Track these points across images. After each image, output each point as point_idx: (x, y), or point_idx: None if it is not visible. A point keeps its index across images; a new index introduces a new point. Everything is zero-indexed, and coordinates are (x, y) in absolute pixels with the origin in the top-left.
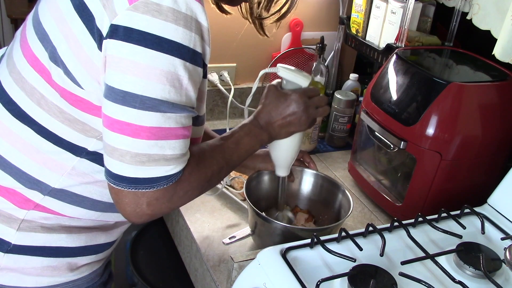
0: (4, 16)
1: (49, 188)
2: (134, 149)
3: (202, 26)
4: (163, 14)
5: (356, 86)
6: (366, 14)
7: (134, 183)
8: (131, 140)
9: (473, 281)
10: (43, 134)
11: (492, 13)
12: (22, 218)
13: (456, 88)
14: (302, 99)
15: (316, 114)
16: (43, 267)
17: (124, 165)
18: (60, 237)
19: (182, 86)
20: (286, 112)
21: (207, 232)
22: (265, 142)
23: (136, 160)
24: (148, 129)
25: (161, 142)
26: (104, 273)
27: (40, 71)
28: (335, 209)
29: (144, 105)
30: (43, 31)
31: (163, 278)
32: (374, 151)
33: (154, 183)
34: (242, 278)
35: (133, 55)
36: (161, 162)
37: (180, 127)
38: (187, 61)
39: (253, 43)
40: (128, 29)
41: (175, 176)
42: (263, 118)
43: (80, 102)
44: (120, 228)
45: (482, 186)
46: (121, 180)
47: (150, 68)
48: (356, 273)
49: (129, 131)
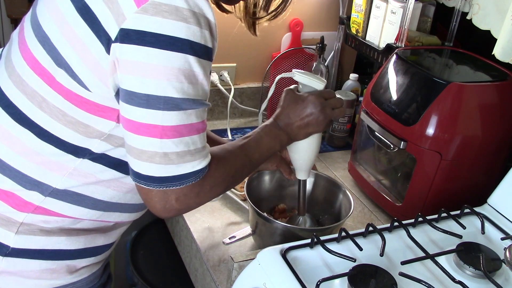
0: (4, 16)
1: (50, 189)
2: (163, 149)
3: (210, 22)
4: (173, 14)
5: (356, 86)
6: (366, 14)
7: (164, 182)
8: (159, 141)
9: (473, 281)
10: (44, 137)
11: (492, 13)
12: (21, 221)
13: (456, 88)
14: (318, 100)
15: (332, 114)
16: (42, 270)
17: (154, 165)
18: (59, 240)
19: (198, 82)
20: (304, 113)
21: (207, 232)
22: (285, 142)
23: (165, 159)
24: (174, 128)
25: (186, 138)
26: (103, 274)
27: (41, 74)
28: (336, 209)
29: (168, 106)
30: (43, 34)
31: (163, 278)
32: (374, 151)
33: (184, 179)
34: (242, 278)
35: (149, 58)
36: (187, 158)
37: (200, 122)
38: (200, 57)
39: (253, 43)
40: (141, 32)
41: (202, 172)
42: (282, 120)
43: (86, 104)
44: (119, 230)
45: (482, 186)
46: (152, 181)
47: (168, 69)
48: (356, 273)
49: (156, 133)
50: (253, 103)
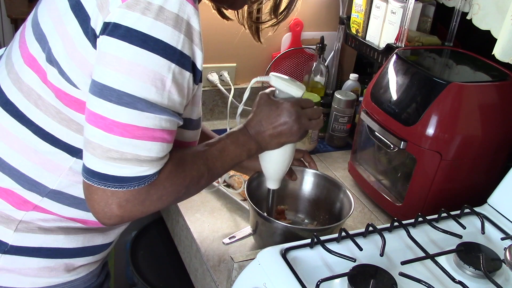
0: (4, 16)
1: (47, 190)
2: (106, 143)
3: (194, 29)
4: (153, 13)
5: (356, 86)
6: (366, 14)
7: (103, 179)
8: (103, 134)
9: (473, 281)
10: (40, 135)
11: (492, 13)
12: (20, 219)
13: (456, 88)
14: (294, 108)
15: (309, 125)
16: (40, 268)
17: (95, 159)
18: (58, 238)
19: (164, 88)
20: (277, 121)
21: (207, 232)
22: (254, 151)
23: (107, 155)
24: (123, 125)
25: (136, 141)
26: (101, 273)
27: (37, 71)
28: (336, 209)
29: (120, 100)
30: (40, 32)
31: (163, 278)
32: (374, 151)
33: (124, 182)
34: (242, 278)
35: (117, 51)
36: (133, 162)
37: (159, 129)
38: (173, 62)
39: (253, 43)
40: (116, 25)
41: (148, 178)
42: (253, 127)
43: (75, 103)
44: (118, 230)
45: (482, 186)
46: (92, 175)
47: (132, 65)
48: (356, 273)
49: (102, 125)
50: (253, 103)
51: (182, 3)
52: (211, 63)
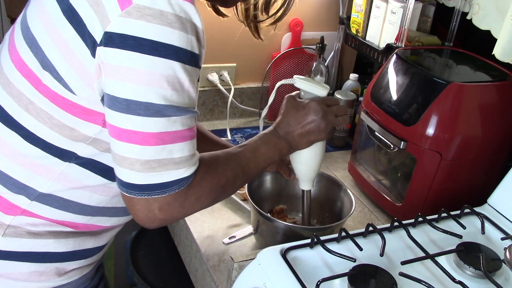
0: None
1: (36, 193)
2: (144, 156)
3: (197, 28)
4: (157, 18)
5: (356, 86)
6: (366, 14)
7: (145, 190)
8: (139, 148)
9: (473, 281)
10: (31, 140)
11: (492, 13)
12: (8, 224)
13: (456, 88)
14: (320, 106)
15: (335, 122)
16: (30, 273)
17: (135, 173)
18: (47, 242)
19: (183, 89)
20: (305, 120)
21: (207, 232)
22: (285, 152)
23: (146, 167)
24: (156, 135)
25: (169, 146)
26: (95, 276)
27: (28, 76)
28: (337, 209)
29: (148, 112)
30: (31, 36)
31: (163, 278)
32: (374, 151)
33: (166, 188)
34: (242, 278)
35: (131, 62)
36: (170, 166)
37: (186, 129)
38: (185, 63)
39: (253, 43)
40: (123, 36)
41: (186, 180)
42: (282, 128)
43: (71, 107)
44: (110, 232)
45: (482, 186)
46: (133, 188)
47: (149, 74)
48: (356, 273)
49: (136, 139)
50: (253, 103)
51: (182, 4)
52: (211, 63)
